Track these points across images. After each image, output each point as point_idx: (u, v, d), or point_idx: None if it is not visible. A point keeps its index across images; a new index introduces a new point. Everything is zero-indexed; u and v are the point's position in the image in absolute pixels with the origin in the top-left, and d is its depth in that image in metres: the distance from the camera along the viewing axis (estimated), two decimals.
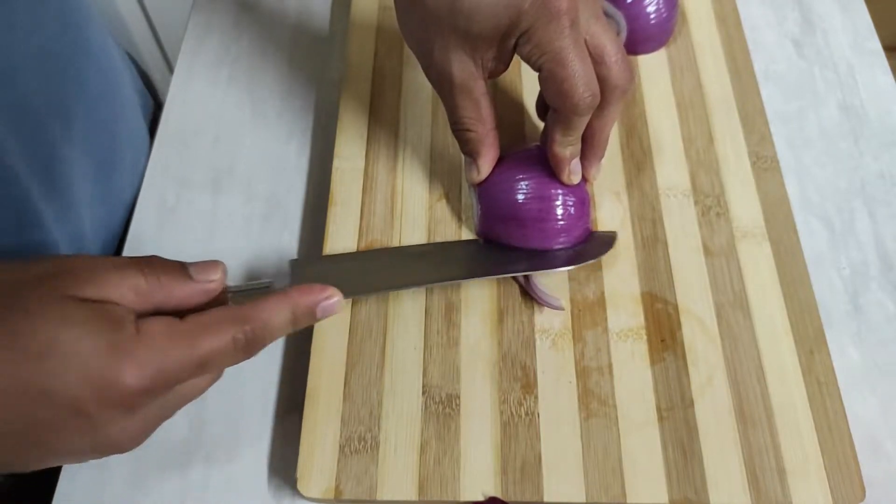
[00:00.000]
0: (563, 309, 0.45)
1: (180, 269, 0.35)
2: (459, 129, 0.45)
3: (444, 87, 0.44)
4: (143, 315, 0.33)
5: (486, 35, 0.41)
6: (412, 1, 0.43)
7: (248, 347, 0.34)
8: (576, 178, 0.45)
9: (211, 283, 0.35)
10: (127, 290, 0.33)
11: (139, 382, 0.31)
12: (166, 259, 0.35)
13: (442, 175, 0.50)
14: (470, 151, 0.46)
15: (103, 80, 0.53)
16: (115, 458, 0.43)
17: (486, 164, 0.46)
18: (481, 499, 0.40)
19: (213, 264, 0.36)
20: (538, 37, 0.40)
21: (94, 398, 0.31)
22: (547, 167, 0.46)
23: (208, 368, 0.33)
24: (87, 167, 0.51)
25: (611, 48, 0.42)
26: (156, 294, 0.34)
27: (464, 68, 0.43)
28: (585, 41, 0.41)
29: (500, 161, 0.46)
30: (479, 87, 0.43)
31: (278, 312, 0.35)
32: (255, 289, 0.39)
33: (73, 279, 0.32)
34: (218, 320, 0.33)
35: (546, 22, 0.39)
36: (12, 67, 0.42)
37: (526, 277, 0.46)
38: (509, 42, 0.41)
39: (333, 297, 0.36)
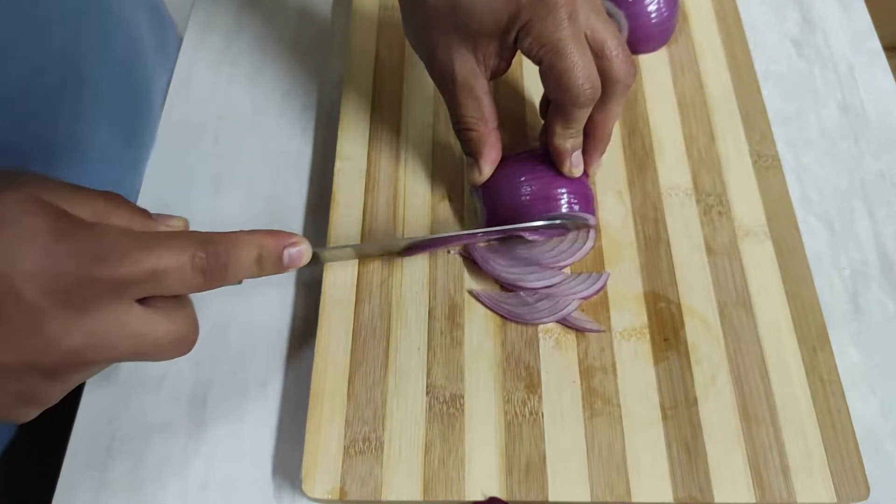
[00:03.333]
0: (604, 331, 0.44)
1: (142, 210, 0.34)
2: (461, 129, 0.45)
3: (447, 85, 0.44)
4: None
5: (487, 31, 0.41)
6: (415, 1, 0.43)
7: (209, 272, 0.32)
8: (577, 171, 0.46)
9: (170, 228, 0.34)
10: (86, 208, 0.31)
11: (84, 269, 0.29)
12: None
13: (444, 175, 0.50)
14: (472, 151, 0.46)
15: (131, 47, 0.53)
16: (114, 458, 0.43)
17: (487, 165, 0.46)
18: (481, 499, 0.40)
19: (174, 216, 0.35)
20: (537, 29, 0.40)
21: (32, 280, 0.28)
22: (550, 167, 0.46)
23: (160, 283, 0.31)
24: (110, 137, 0.51)
25: (611, 42, 0.42)
26: (112, 219, 0.32)
27: (466, 66, 0.43)
28: (586, 35, 0.41)
29: (503, 161, 0.46)
30: (481, 86, 0.44)
31: (244, 245, 0.34)
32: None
33: (37, 183, 0.31)
34: (179, 236, 0.32)
35: (544, 15, 0.40)
36: (44, 17, 0.42)
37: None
38: (510, 37, 0.41)
39: (300, 244, 0.36)
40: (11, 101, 0.41)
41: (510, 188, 0.46)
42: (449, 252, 0.47)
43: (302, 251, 0.36)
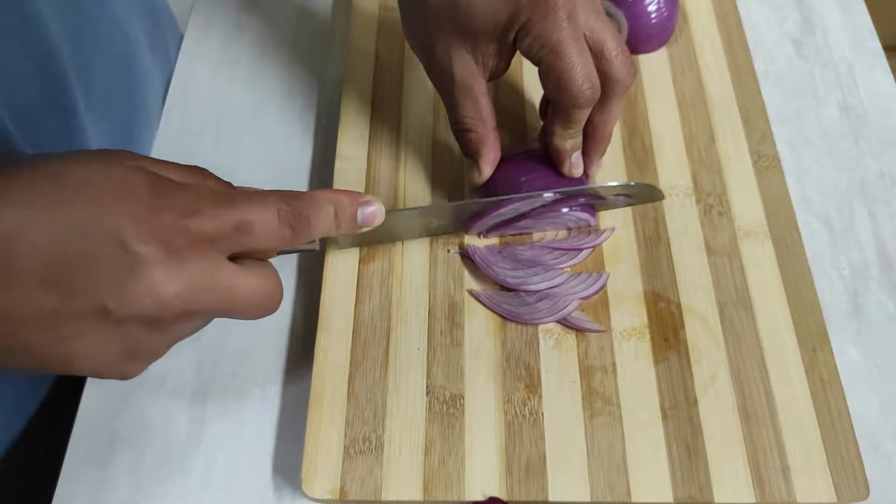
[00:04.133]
0: (604, 330, 0.44)
1: (226, 182, 0.36)
2: (460, 130, 0.45)
3: (446, 85, 0.44)
4: None
5: (486, 31, 0.41)
6: (415, 2, 0.43)
7: (294, 225, 0.34)
8: (577, 172, 0.46)
9: None
10: (175, 175, 0.34)
11: (181, 220, 0.31)
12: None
13: (444, 176, 0.50)
14: (471, 152, 0.46)
15: (125, 46, 0.53)
16: (115, 458, 0.43)
17: (487, 166, 0.46)
18: (481, 499, 0.40)
19: (256, 188, 0.36)
20: (536, 30, 0.40)
21: (133, 228, 0.30)
22: (550, 167, 0.46)
23: (250, 235, 0.33)
24: (104, 136, 0.51)
25: (610, 43, 0.42)
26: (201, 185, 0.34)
27: (465, 66, 0.43)
28: (585, 36, 0.41)
29: (503, 162, 0.46)
30: (480, 86, 0.44)
31: (323, 201, 0.35)
32: (300, 248, 0.38)
33: (132, 155, 0.33)
34: (265, 192, 0.34)
35: (543, 15, 0.40)
36: (36, 14, 0.42)
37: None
38: (509, 37, 0.42)
39: (374, 203, 0.37)
40: (5, 97, 0.41)
41: (510, 189, 0.46)
42: (449, 251, 0.47)
43: (375, 211, 0.37)
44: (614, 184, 0.46)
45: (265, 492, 0.43)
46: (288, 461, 0.43)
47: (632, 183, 0.47)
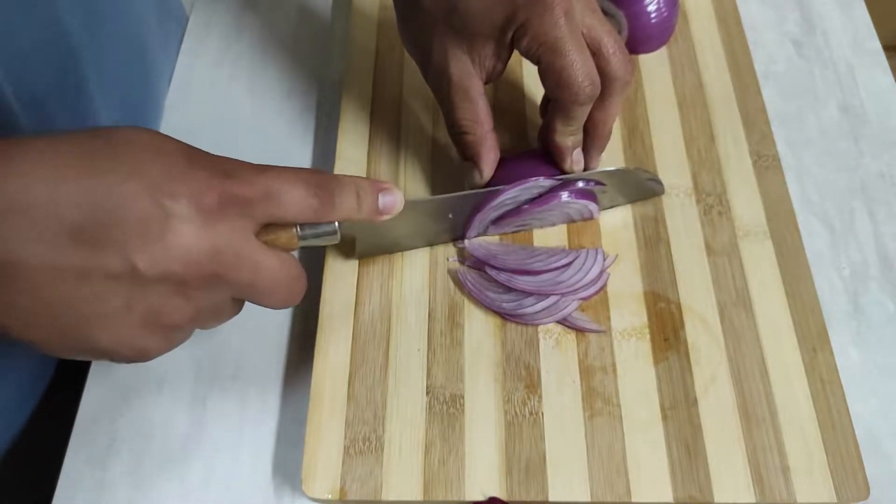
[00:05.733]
0: (604, 331, 0.44)
1: None
2: (457, 133, 0.45)
3: (442, 87, 0.44)
4: None
5: (483, 31, 0.41)
6: (411, 3, 0.43)
7: (321, 197, 0.34)
8: (578, 168, 0.46)
9: None
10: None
11: (213, 182, 0.31)
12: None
13: (443, 177, 0.50)
14: (470, 155, 0.46)
15: (138, 34, 0.54)
16: (115, 457, 0.43)
17: (487, 167, 0.46)
18: (481, 499, 0.40)
19: None
20: (534, 29, 0.40)
21: (166, 184, 0.30)
22: (550, 168, 0.46)
23: (278, 204, 0.33)
24: (112, 114, 0.51)
25: (608, 40, 0.42)
26: None
27: (461, 68, 0.43)
28: (583, 34, 0.41)
29: (503, 162, 0.46)
30: (477, 87, 0.44)
31: (345, 180, 0.36)
32: (322, 232, 0.37)
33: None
34: (291, 167, 0.34)
35: (540, 14, 0.40)
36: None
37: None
38: (506, 37, 0.42)
39: (394, 191, 0.38)
40: (17, 78, 0.41)
41: None
42: (448, 259, 0.47)
43: (396, 198, 0.38)
44: (612, 168, 0.46)
45: (265, 492, 0.43)
46: (288, 461, 0.43)
47: (630, 168, 0.48)
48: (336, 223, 0.36)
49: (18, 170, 0.29)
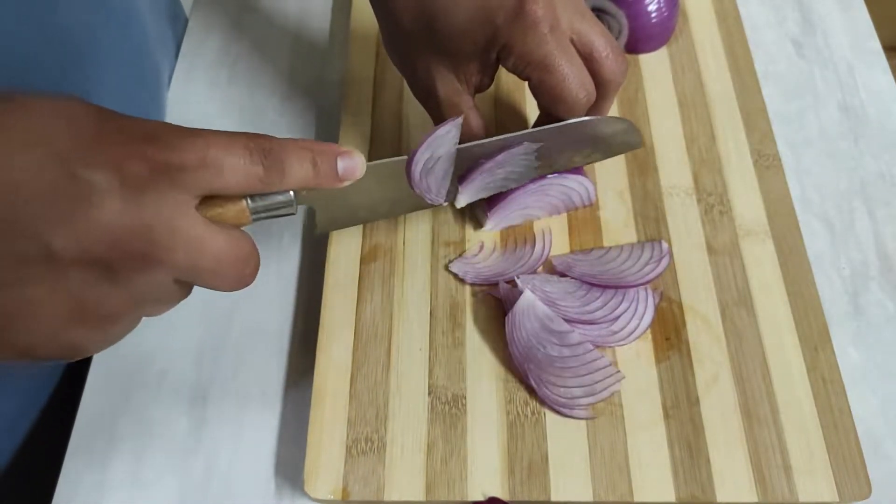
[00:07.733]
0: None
1: None
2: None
3: (431, 104, 0.43)
4: None
5: (465, 52, 0.41)
6: (393, 23, 0.43)
7: (266, 164, 0.30)
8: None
9: None
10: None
11: (136, 147, 0.27)
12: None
13: None
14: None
15: (141, 34, 0.53)
16: (115, 458, 0.43)
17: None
18: (481, 499, 0.40)
19: None
20: (518, 48, 0.39)
21: (80, 152, 0.26)
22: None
23: (217, 172, 0.29)
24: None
25: (599, 43, 0.41)
26: None
27: (448, 85, 0.42)
28: (572, 40, 0.40)
29: None
30: (466, 102, 0.43)
31: (296, 145, 0.32)
32: (275, 203, 0.34)
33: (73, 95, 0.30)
34: (226, 132, 0.30)
35: (523, 33, 0.39)
36: None
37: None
38: (490, 56, 0.41)
39: (354, 156, 0.34)
40: (21, 71, 0.41)
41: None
42: (447, 269, 0.47)
43: (357, 163, 0.34)
44: (587, 118, 0.43)
45: (266, 492, 0.42)
46: (289, 461, 0.43)
47: (587, 119, 0.43)
48: (291, 193, 0.33)
49: None
